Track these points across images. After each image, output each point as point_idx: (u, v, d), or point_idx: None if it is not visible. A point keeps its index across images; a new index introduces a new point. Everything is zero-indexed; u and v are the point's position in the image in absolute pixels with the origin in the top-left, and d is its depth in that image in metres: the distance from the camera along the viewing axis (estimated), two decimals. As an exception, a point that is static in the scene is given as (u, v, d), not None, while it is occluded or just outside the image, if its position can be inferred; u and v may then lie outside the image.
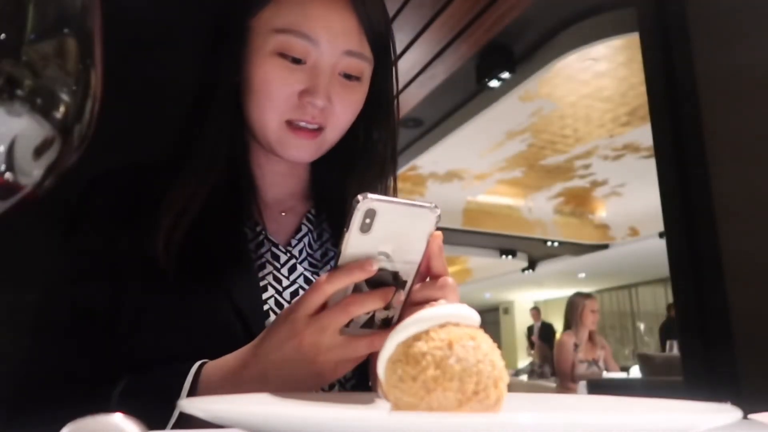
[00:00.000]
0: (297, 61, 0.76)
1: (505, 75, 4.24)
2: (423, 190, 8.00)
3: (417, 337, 0.33)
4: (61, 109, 0.27)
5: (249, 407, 0.33)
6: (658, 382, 3.46)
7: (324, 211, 0.90)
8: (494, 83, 4.32)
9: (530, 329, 9.73)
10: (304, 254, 0.84)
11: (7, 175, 0.26)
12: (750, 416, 0.43)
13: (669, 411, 0.35)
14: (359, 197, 0.52)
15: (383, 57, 0.84)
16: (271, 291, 0.77)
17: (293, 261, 0.82)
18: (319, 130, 0.78)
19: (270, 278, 0.79)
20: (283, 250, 0.82)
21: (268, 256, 0.81)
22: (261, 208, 0.84)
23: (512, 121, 6.02)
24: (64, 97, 0.27)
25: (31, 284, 0.77)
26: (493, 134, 6.32)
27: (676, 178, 1.40)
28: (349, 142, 0.85)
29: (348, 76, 0.79)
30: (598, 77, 5.11)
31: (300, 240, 0.86)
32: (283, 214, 0.88)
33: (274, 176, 0.88)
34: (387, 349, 0.34)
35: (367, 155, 0.87)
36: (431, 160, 6.73)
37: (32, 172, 0.27)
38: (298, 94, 0.76)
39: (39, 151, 0.27)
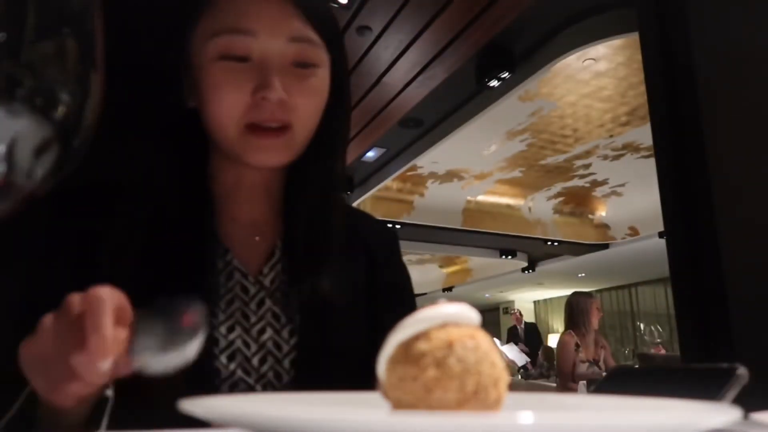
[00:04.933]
0: (242, 59, 0.71)
1: (505, 75, 4.24)
2: (423, 190, 8.00)
3: (417, 337, 0.33)
4: (61, 109, 0.27)
5: (249, 407, 0.33)
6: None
7: (298, 231, 0.82)
8: (494, 83, 4.33)
9: (513, 331, 9.43)
10: (276, 283, 0.78)
11: (7, 175, 0.26)
12: (750, 416, 0.43)
13: (669, 411, 0.35)
14: None
15: (334, 47, 0.78)
16: (238, 330, 0.73)
17: (262, 294, 0.77)
18: (284, 128, 0.73)
19: (238, 315, 0.74)
20: (253, 280, 0.77)
21: (237, 288, 0.76)
22: (231, 232, 0.78)
23: (512, 121, 6.03)
24: (64, 97, 0.27)
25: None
26: (493, 134, 6.33)
27: (676, 178, 1.40)
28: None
29: (302, 65, 0.74)
30: (597, 77, 5.12)
31: (272, 267, 0.79)
32: (257, 238, 0.81)
33: (249, 192, 0.81)
34: (387, 349, 0.34)
35: (322, 155, 0.81)
36: (431, 160, 6.73)
37: (32, 172, 0.27)
38: (251, 94, 0.71)
39: (39, 151, 0.27)
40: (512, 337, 9.16)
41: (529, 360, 7.52)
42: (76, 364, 0.47)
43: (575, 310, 4.21)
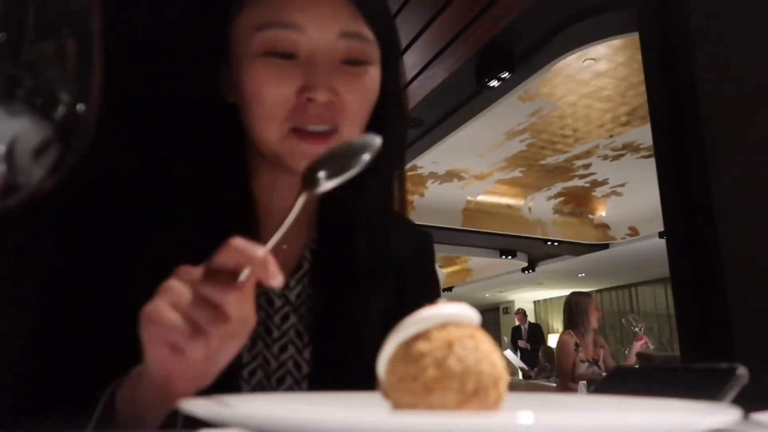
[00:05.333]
0: (287, 56, 0.65)
1: (505, 75, 4.24)
2: (423, 190, 7.99)
3: (417, 337, 0.33)
4: (61, 109, 0.27)
5: (249, 407, 0.33)
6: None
7: (329, 239, 0.76)
8: (494, 83, 4.32)
9: (516, 331, 9.42)
10: (302, 297, 0.73)
11: (7, 175, 0.26)
12: (750, 416, 0.43)
13: (669, 411, 0.35)
14: None
15: (387, 43, 0.72)
16: (259, 345, 0.70)
17: (287, 308, 0.72)
18: (332, 132, 0.66)
19: (260, 328, 0.70)
20: (279, 293, 0.72)
21: (262, 300, 0.72)
22: (262, 239, 0.71)
23: (512, 121, 6.02)
24: (64, 97, 0.27)
25: (24, 288, 0.71)
26: (493, 134, 6.32)
27: (676, 178, 1.39)
28: None
29: (352, 62, 0.68)
30: (597, 77, 5.11)
31: (299, 280, 0.74)
32: (285, 246, 0.74)
33: (283, 196, 0.74)
34: (387, 349, 0.34)
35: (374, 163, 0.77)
36: (431, 160, 6.72)
37: (32, 172, 0.27)
38: (296, 93, 0.65)
39: (39, 151, 0.27)
40: (516, 337, 9.17)
41: (527, 368, 7.50)
42: (225, 303, 0.47)
43: (574, 310, 4.22)
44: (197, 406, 0.31)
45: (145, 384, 0.52)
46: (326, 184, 0.51)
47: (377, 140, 0.53)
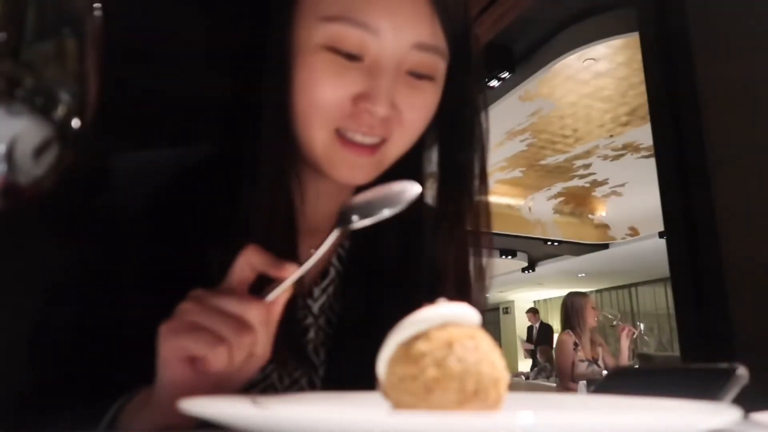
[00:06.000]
0: (352, 57, 0.58)
1: (505, 75, 4.25)
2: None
3: (417, 337, 0.33)
4: (61, 109, 0.27)
5: (248, 407, 0.33)
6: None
7: (362, 246, 0.70)
8: (494, 83, 4.33)
9: (529, 330, 9.53)
10: (324, 309, 0.68)
11: (7, 175, 0.26)
12: (750, 416, 0.43)
13: (669, 411, 0.35)
14: None
15: (460, 50, 0.64)
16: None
17: (308, 321, 0.67)
18: (379, 144, 0.61)
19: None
20: (301, 303, 0.67)
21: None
22: (300, 244, 0.66)
23: (512, 121, 6.03)
24: (64, 97, 0.27)
25: (32, 291, 0.69)
26: (493, 134, 6.32)
27: (676, 178, 1.40)
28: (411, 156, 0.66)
29: (417, 75, 0.61)
30: (598, 77, 5.12)
31: (324, 290, 0.69)
32: (313, 251, 0.69)
33: (318, 198, 0.69)
34: (387, 350, 0.34)
35: (448, 177, 0.71)
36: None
37: (32, 172, 0.27)
38: (352, 99, 0.58)
39: (39, 151, 0.27)
40: (528, 338, 9.23)
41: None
42: (247, 314, 0.47)
43: (569, 310, 4.22)
44: (197, 406, 0.31)
45: (150, 412, 0.50)
46: (361, 223, 0.49)
47: (416, 188, 0.48)
